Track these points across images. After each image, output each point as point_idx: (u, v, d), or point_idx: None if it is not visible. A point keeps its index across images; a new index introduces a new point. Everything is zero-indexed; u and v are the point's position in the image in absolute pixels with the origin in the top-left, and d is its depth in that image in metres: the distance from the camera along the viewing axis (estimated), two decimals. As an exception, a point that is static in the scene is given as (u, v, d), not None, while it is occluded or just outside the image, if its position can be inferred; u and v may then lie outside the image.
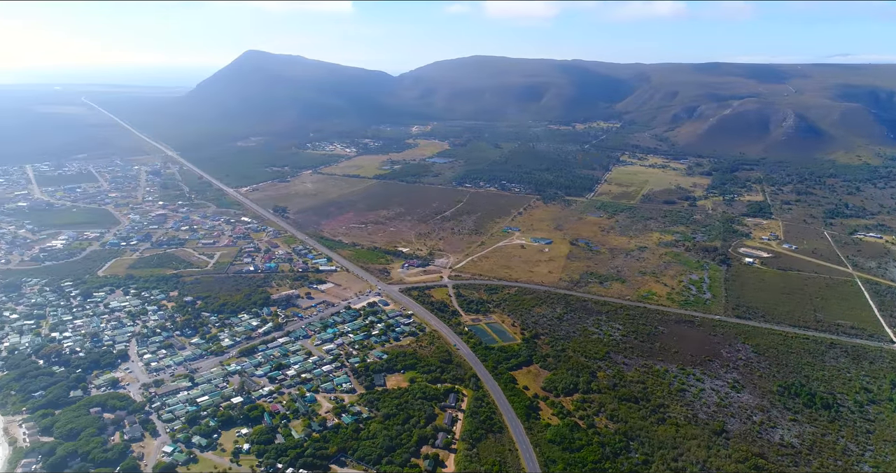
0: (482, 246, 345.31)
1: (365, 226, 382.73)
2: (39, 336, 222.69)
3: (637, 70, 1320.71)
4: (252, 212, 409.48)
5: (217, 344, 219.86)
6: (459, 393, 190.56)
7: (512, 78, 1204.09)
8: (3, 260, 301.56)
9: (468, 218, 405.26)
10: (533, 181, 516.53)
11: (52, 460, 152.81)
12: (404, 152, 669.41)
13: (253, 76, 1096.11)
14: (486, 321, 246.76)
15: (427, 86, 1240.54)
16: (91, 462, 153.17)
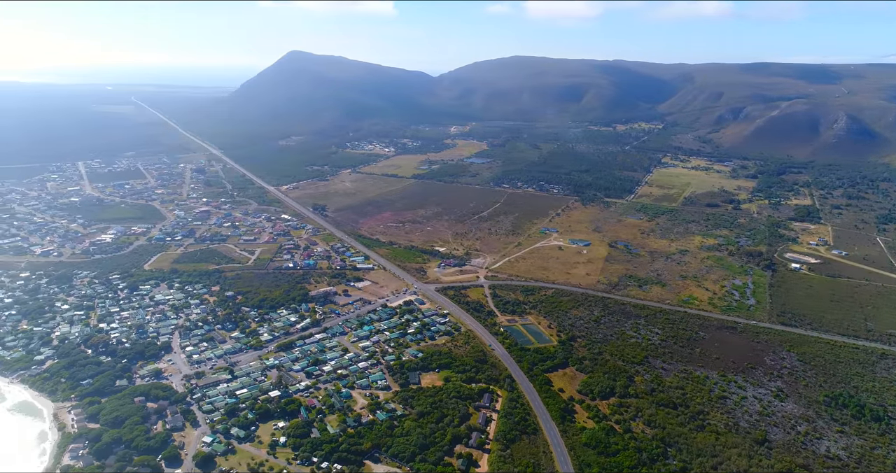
0: (519, 247, 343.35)
1: (402, 225, 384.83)
2: (88, 326, 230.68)
3: (681, 70, 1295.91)
4: (292, 210, 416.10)
5: (256, 338, 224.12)
6: (494, 394, 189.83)
7: (551, 78, 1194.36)
8: (56, 253, 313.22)
9: (505, 218, 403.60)
10: (572, 182, 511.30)
11: (98, 446, 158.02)
12: (442, 152, 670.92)
13: (295, 76, 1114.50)
14: (521, 322, 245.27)
15: (466, 87, 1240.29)
16: (134, 449, 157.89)
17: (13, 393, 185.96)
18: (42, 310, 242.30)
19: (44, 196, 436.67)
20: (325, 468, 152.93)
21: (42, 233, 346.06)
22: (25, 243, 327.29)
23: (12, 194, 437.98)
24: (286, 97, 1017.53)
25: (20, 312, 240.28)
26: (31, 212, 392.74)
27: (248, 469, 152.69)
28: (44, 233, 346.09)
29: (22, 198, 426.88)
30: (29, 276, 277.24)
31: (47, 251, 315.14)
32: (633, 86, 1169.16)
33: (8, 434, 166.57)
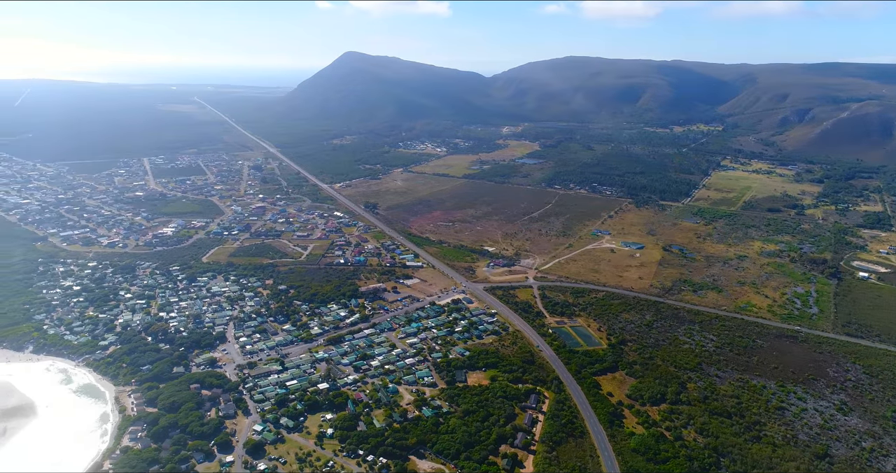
0: (570, 249, 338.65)
1: (452, 225, 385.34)
2: (149, 315, 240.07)
3: (743, 71, 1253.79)
4: (344, 208, 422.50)
5: (307, 331, 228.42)
6: (541, 395, 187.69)
7: (607, 79, 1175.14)
8: (121, 245, 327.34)
9: (556, 219, 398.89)
10: (625, 184, 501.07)
11: (156, 429, 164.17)
12: (494, 152, 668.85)
13: (351, 77, 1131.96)
14: (570, 324, 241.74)
15: (519, 87, 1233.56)
16: (189, 434, 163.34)
17: (79, 376, 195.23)
18: (107, 298, 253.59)
19: (111, 190, 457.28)
20: (371, 461, 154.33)
21: (109, 225, 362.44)
22: (93, 234, 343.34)
23: (83, 188, 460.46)
24: (341, 97, 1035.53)
25: (87, 299, 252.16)
26: (99, 204, 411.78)
27: (296, 458, 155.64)
28: (110, 225, 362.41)
29: (91, 192, 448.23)
30: (96, 266, 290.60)
31: (113, 242, 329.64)
32: (692, 87, 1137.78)
33: (74, 414, 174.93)
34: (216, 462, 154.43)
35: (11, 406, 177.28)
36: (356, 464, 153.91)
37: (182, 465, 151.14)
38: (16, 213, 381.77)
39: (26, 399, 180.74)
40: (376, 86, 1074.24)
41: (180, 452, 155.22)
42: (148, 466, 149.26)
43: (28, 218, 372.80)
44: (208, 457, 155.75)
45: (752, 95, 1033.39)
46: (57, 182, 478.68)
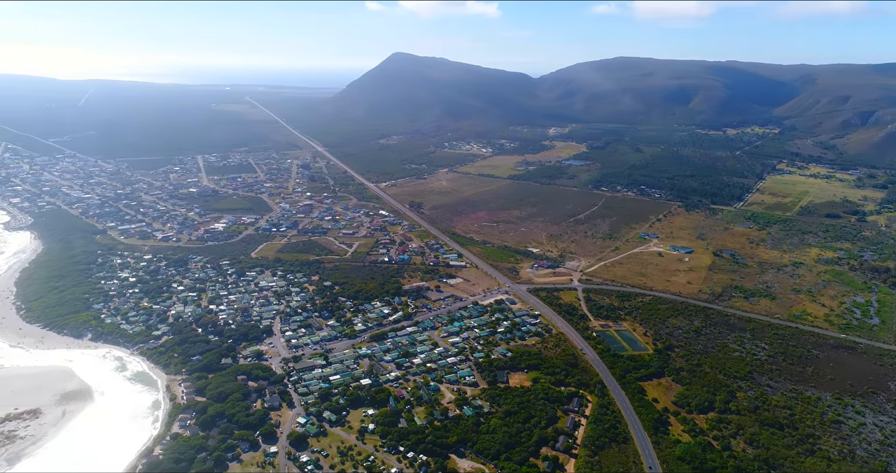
0: (616, 252, 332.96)
1: (496, 225, 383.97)
2: (200, 307, 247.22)
3: (801, 72, 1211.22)
4: (389, 206, 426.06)
5: (351, 327, 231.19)
6: (584, 398, 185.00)
7: (658, 80, 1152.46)
8: (175, 239, 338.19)
9: (603, 222, 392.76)
10: (675, 187, 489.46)
11: (204, 418, 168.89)
12: (540, 153, 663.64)
13: (398, 77, 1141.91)
14: (615, 328, 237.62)
15: (567, 88, 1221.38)
16: (235, 423, 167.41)
17: (133, 364, 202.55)
18: (160, 290, 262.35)
19: (167, 186, 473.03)
20: (411, 458, 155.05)
21: (164, 220, 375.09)
22: (149, 228, 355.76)
23: (140, 184, 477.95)
24: (388, 97, 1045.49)
25: (142, 291, 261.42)
26: (155, 200, 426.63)
27: (337, 452, 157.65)
28: (165, 220, 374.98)
29: (148, 188, 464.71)
30: (151, 259, 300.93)
31: (167, 236, 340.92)
32: (747, 89, 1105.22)
33: (127, 400, 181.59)
34: (261, 452, 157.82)
35: (70, 390, 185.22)
36: (396, 460, 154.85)
37: (228, 453, 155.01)
38: (78, 207, 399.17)
39: (84, 385, 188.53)
40: (423, 86, 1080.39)
41: (227, 441, 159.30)
42: (195, 453, 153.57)
43: (89, 211, 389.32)
44: (253, 447, 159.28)
45: (812, 97, 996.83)
46: (116, 178, 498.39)
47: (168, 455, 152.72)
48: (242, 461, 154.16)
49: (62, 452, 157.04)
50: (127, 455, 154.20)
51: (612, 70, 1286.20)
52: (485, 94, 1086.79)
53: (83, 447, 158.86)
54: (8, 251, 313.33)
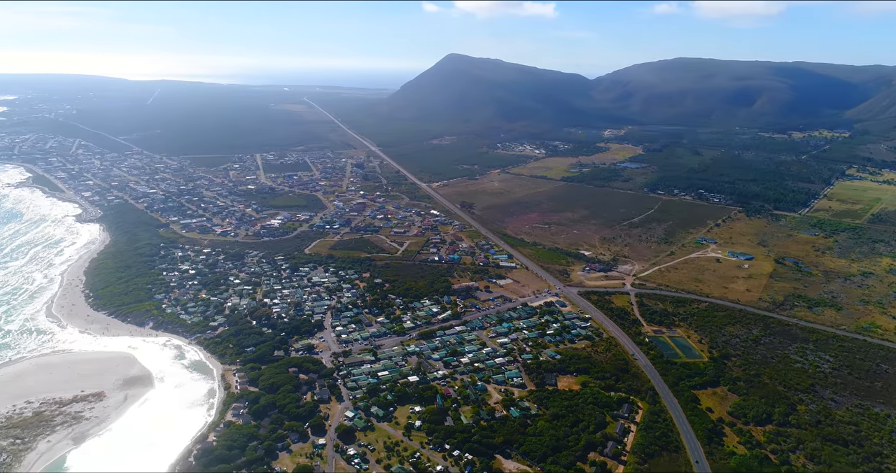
0: (671, 257, 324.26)
1: (548, 227, 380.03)
2: (254, 300, 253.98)
3: (875, 72, 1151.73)
4: (441, 206, 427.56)
5: (400, 325, 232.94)
6: (634, 405, 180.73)
7: (719, 81, 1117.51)
8: (233, 234, 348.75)
9: (658, 226, 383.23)
10: (735, 191, 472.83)
11: (256, 407, 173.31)
12: (594, 155, 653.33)
13: (452, 78, 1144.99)
14: (669, 334, 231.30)
15: (624, 89, 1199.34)
16: (286, 414, 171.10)
17: (190, 353, 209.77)
18: (218, 283, 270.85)
19: (226, 183, 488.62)
20: (457, 456, 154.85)
21: (223, 215, 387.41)
22: (209, 223, 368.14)
23: (202, 180, 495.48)
24: (442, 98, 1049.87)
25: (201, 283, 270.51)
26: (215, 196, 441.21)
27: (384, 446, 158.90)
28: (224, 215, 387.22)
29: (209, 184, 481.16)
30: (210, 252, 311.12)
31: (226, 231, 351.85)
32: (815, 91, 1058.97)
33: (185, 387, 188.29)
34: (309, 443, 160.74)
35: (132, 375, 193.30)
36: (442, 458, 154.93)
37: (278, 443, 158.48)
38: (143, 201, 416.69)
39: (146, 371, 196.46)
40: (477, 87, 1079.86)
41: (277, 431, 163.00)
42: (247, 441, 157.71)
43: (154, 206, 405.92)
44: (302, 438, 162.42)
45: (886, 99, 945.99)
46: (179, 174, 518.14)
47: (221, 441, 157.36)
48: (292, 451, 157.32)
49: (123, 434, 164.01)
50: (182, 440, 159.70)
51: (671, 71, 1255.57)
52: (539, 96, 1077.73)
53: (142, 430, 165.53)
54: (79, 242, 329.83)
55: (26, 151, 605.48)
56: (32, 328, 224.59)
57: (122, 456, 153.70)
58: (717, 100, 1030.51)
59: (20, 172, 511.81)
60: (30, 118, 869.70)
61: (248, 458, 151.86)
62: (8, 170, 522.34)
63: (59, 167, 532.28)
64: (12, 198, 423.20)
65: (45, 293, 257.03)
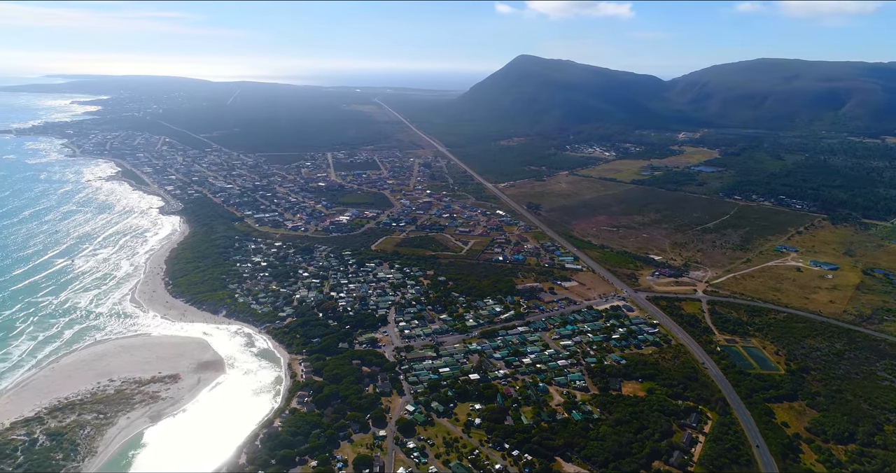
0: (747, 264, 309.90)
1: (616, 230, 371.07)
2: (322, 293, 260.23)
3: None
4: (506, 207, 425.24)
5: (462, 323, 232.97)
6: (703, 414, 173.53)
7: (804, 82, 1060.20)
8: (303, 229, 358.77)
9: (734, 232, 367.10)
10: (820, 198, 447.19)
11: (320, 397, 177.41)
12: (667, 158, 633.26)
13: (522, 79, 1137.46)
14: (742, 344, 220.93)
15: (701, 91, 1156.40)
16: (348, 405, 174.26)
17: (260, 341, 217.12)
18: (287, 275, 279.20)
19: (298, 180, 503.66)
20: (516, 456, 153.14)
21: (294, 211, 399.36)
22: (281, 218, 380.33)
23: (275, 177, 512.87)
24: (511, 99, 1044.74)
25: (271, 275, 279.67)
26: (287, 192, 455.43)
27: (443, 442, 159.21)
28: (295, 211, 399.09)
29: (282, 181, 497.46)
30: (281, 246, 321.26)
31: (296, 226, 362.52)
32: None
33: (253, 374, 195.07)
34: (370, 434, 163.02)
35: (206, 360, 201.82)
36: (501, 457, 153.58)
37: (340, 432, 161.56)
38: (220, 196, 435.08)
39: (218, 356, 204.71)
40: (547, 88, 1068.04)
41: (339, 420, 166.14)
42: (311, 428, 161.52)
43: (230, 200, 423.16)
44: (363, 429, 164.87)
45: None
46: (255, 171, 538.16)
47: (286, 427, 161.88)
48: (353, 441, 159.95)
49: (195, 415, 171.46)
50: (250, 424, 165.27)
51: (752, 72, 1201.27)
52: (611, 97, 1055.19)
53: (213, 412, 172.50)
54: (161, 233, 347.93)
55: (116, 147, 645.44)
56: (119, 311, 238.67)
57: (194, 436, 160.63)
58: (802, 102, 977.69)
59: (111, 166, 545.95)
60: (121, 116, 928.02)
61: (311, 445, 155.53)
62: (100, 164, 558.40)
63: (146, 162, 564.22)
64: (104, 191, 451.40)
65: (131, 280, 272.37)
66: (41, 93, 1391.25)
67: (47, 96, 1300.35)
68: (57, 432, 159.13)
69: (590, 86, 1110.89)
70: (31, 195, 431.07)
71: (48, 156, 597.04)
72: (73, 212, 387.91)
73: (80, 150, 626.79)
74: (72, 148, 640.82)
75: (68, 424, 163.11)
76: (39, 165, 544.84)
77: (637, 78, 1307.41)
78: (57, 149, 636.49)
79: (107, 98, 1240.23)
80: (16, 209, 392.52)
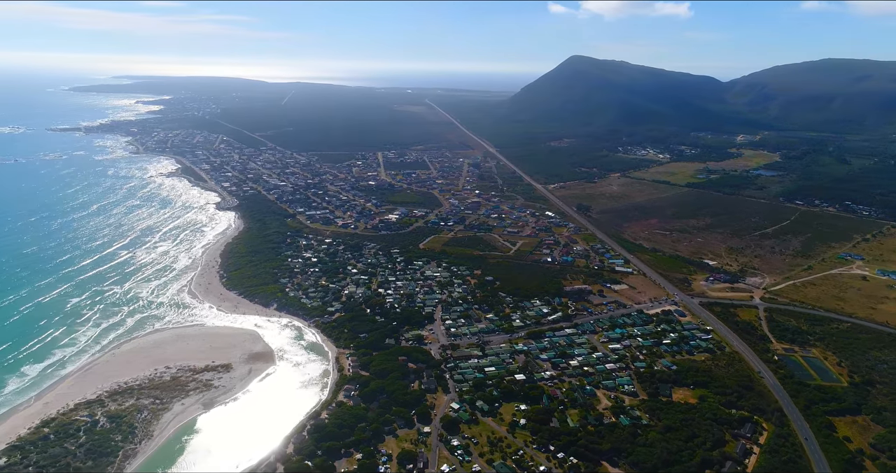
0: (808, 272, 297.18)
1: (669, 233, 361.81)
2: (370, 289, 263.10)
3: None
4: (556, 208, 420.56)
5: (509, 323, 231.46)
6: (758, 425, 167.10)
7: (874, 83, 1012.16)
8: (353, 226, 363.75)
9: (794, 238, 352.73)
10: (890, 204, 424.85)
11: (366, 391, 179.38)
12: (724, 161, 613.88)
13: (574, 80, 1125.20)
14: (802, 354, 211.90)
15: (761, 92, 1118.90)
16: (393, 400, 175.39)
17: (309, 335, 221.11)
18: (337, 271, 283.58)
19: (349, 178, 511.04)
20: (562, 458, 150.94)
21: (344, 209, 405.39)
22: (331, 215, 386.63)
23: (327, 175, 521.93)
24: (563, 100, 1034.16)
25: (321, 270, 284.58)
26: (338, 190, 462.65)
27: (487, 441, 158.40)
28: (345, 209, 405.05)
29: (333, 179, 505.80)
30: (331, 242, 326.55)
31: (346, 223, 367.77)
32: None
33: (302, 366, 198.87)
34: (415, 430, 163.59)
35: (257, 351, 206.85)
36: (546, 458, 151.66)
37: (385, 427, 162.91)
38: (274, 193, 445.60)
39: (268, 348, 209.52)
40: (600, 90, 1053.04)
41: (384, 415, 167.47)
42: (357, 421, 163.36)
43: (283, 197, 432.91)
44: (408, 424, 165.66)
45: None
46: (307, 169, 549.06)
47: (333, 420, 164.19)
48: (398, 436, 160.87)
49: (245, 404, 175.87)
50: (297, 415, 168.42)
51: (817, 72, 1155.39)
52: (666, 98, 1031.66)
53: (263, 402, 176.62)
54: (217, 228, 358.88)
55: (177, 145, 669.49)
56: (177, 302, 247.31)
57: (244, 424, 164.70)
58: (872, 104, 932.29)
59: (172, 163, 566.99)
60: (181, 115, 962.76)
61: (357, 438, 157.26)
62: (162, 161, 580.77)
63: (204, 159, 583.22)
64: (166, 186, 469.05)
65: (188, 272, 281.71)
66: (109, 93, 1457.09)
67: (115, 96, 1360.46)
68: (116, 414, 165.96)
69: (644, 87, 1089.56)
70: (99, 190, 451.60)
71: (114, 152, 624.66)
72: (137, 207, 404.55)
73: (143, 148, 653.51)
74: (136, 145, 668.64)
75: (127, 408, 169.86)
76: (107, 161, 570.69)
77: (694, 79, 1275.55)
78: (122, 146, 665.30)
79: (169, 98, 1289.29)
80: (86, 203, 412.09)
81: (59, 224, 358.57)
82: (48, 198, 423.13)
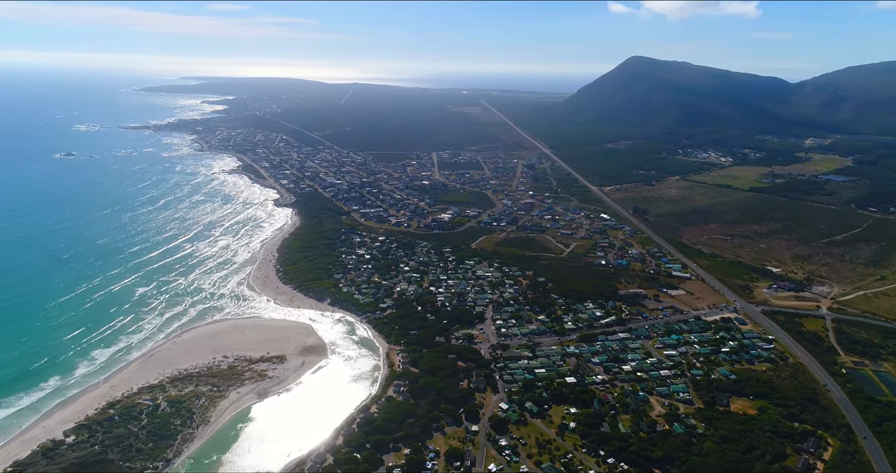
0: (882, 282, 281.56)
1: (730, 239, 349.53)
2: (421, 287, 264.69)
3: None
4: (611, 210, 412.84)
5: (560, 325, 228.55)
6: (822, 440, 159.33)
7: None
8: (406, 225, 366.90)
9: (866, 246, 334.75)
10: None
11: (415, 387, 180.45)
12: (791, 165, 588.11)
13: (633, 81, 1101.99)
14: (873, 367, 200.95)
15: (832, 95, 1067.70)
16: (442, 397, 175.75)
17: (360, 330, 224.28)
18: (389, 268, 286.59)
19: (403, 178, 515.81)
20: (612, 464, 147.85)
21: (398, 207, 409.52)
22: (385, 214, 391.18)
23: (381, 174, 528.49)
24: (621, 101, 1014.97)
25: (374, 267, 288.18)
26: (392, 189, 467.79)
27: (536, 442, 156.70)
28: (399, 207, 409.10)
29: (388, 178, 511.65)
30: (384, 240, 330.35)
31: (399, 222, 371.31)
32: None
33: (353, 360, 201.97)
34: (463, 428, 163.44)
35: (310, 344, 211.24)
36: (595, 463, 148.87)
37: (433, 423, 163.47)
38: (330, 191, 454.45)
39: (321, 341, 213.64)
40: (659, 91, 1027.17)
41: (433, 412, 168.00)
42: (405, 417, 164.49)
43: (339, 195, 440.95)
44: (456, 422, 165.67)
45: None
46: (362, 168, 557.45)
47: (382, 414, 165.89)
48: (446, 433, 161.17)
49: (298, 395, 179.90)
50: (348, 408, 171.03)
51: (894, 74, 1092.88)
52: (729, 100, 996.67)
53: (314, 393, 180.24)
54: (275, 224, 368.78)
55: (239, 143, 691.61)
56: (237, 294, 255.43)
57: (296, 415, 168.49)
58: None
59: (233, 161, 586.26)
60: (243, 115, 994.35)
61: (405, 433, 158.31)
62: (224, 158, 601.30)
63: (264, 157, 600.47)
64: (229, 183, 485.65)
65: (247, 266, 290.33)
66: (176, 93, 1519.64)
67: (181, 96, 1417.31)
68: (176, 400, 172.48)
69: (706, 88, 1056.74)
70: (166, 186, 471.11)
71: (180, 150, 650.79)
72: (202, 202, 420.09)
73: (207, 145, 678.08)
74: (200, 143, 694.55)
75: (186, 394, 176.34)
76: (174, 158, 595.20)
77: (759, 80, 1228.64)
78: (188, 143, 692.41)
79: (232, 98, 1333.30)
80: (154, 198, 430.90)
81: (129, 217, 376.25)
82: (119, 192, 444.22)
